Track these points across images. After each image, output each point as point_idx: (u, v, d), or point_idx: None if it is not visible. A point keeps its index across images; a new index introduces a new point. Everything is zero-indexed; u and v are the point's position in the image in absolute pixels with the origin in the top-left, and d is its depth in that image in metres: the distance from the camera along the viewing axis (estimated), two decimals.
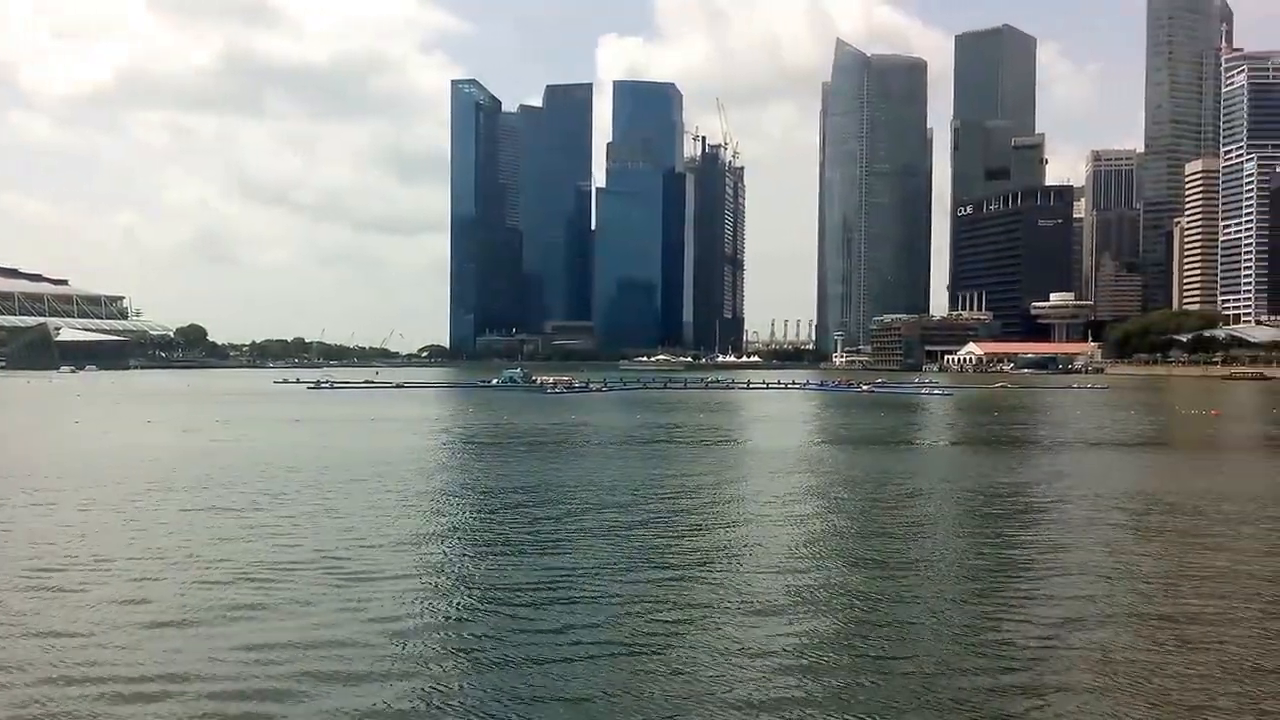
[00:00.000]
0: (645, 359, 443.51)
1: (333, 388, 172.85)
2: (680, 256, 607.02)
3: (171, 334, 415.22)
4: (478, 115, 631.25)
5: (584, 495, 40.51)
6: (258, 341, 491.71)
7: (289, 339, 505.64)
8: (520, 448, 62.49)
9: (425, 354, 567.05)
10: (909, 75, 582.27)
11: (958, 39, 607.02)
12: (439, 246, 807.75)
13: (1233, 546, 30.87)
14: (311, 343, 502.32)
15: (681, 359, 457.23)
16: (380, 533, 31.84)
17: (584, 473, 48.60)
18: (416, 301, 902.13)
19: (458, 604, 23.22)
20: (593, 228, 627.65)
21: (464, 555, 28.85)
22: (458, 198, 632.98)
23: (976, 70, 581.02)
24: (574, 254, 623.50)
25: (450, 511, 37.08)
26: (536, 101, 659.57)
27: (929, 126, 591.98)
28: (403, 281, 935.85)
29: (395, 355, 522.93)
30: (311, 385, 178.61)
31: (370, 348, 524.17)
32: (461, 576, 26.10)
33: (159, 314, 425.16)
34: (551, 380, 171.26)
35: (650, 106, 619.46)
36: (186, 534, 31.56)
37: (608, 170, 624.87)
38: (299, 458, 55.19)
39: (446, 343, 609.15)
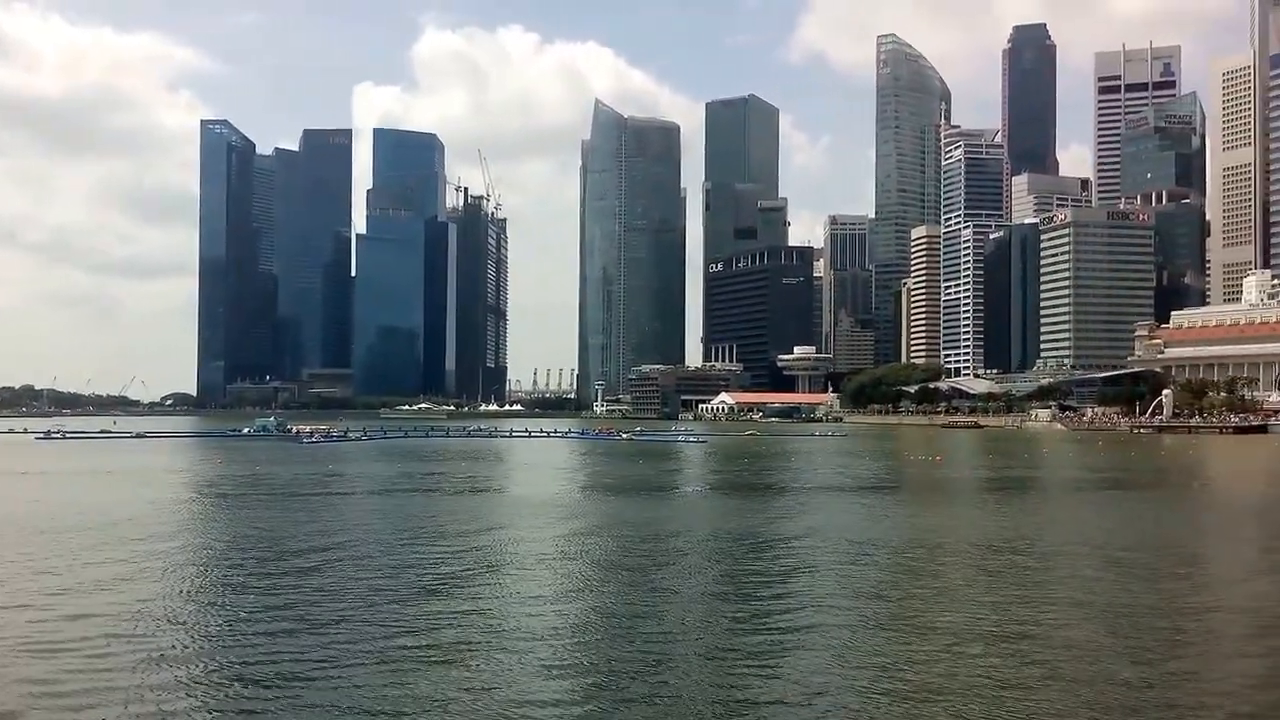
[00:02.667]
0: (407, 407, 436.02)
1: (64, 438, 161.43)
2: (442, 305, 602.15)
3: None
4: (230, 156, 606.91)
5: (334, 548, 39.48)
6: None
7: (16, 386, 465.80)
8: (271, 500, 60.34)
9: (169, 402, 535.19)
10: (663, 137, 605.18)
11: (708, 106, 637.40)
12: (185, 290, 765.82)
13: (948, 578, 35.70)
14: (42, 390, 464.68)
15: (444, 407, 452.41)
16: (92, 598, 29.44)
17: (337, 525, 47.57)
18: (160, 347, 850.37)
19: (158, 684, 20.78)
20: (352, 274, 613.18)
21: (182, 625, 26.15)
22: (207, 240, 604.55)
23: (725, 136, 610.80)
24: (332, 300, 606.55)
25: (175, 569, 34.74)
26: (293, 145, 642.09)
27: (683, 187, 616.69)
28: (145, 327, 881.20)
29: (136, 404, 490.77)
30: (41, 435, 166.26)
31: (108, 396, 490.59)
32: (172, 650, 23.46)
33: None
34: (308, 429, 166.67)
35: (412, 155, 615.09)
36: None
37: (368, 217, 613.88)
38: (12, 513, 52.10)
39: (193, 390, 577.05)
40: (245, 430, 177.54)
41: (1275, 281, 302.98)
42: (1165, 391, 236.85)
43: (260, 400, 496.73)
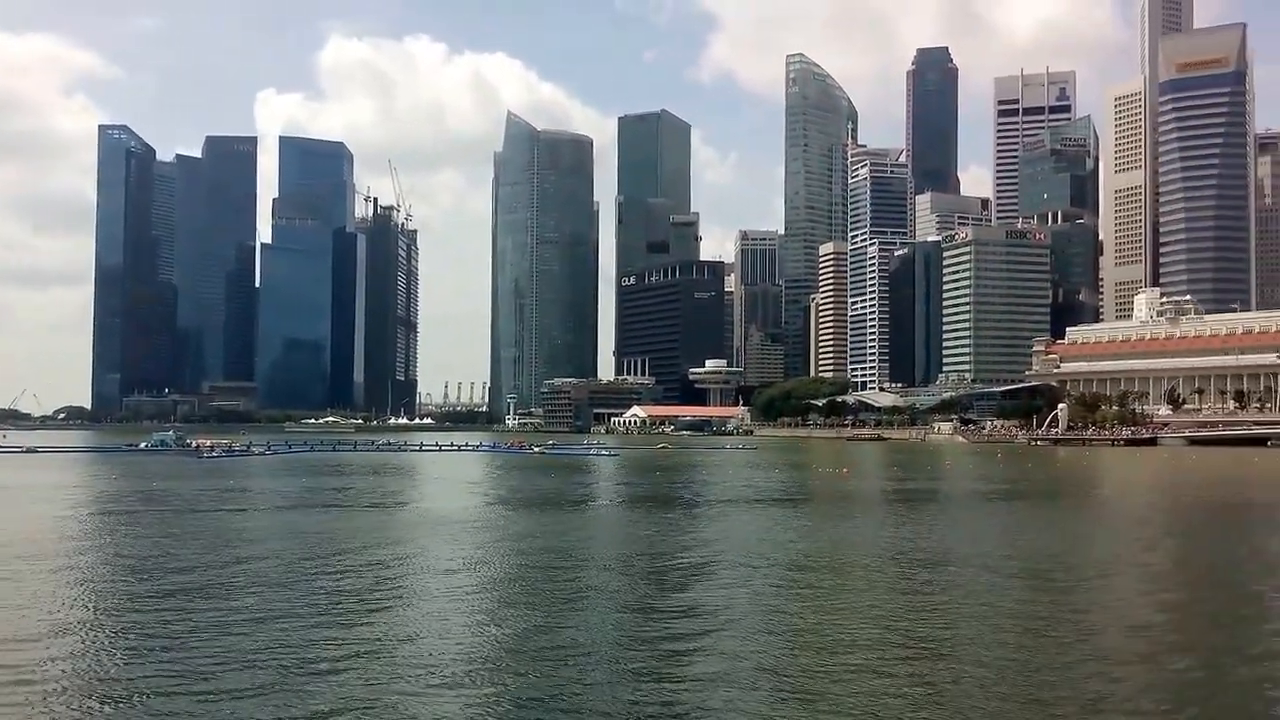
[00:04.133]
0: (313, 421, 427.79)
1: None
2: (350, 316, 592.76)
3: None
4: (129, 163, 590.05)
5: (234, 566, 38.67)
6: None
7: None
8: (168, 517, 58.36)
9: (62, 415, 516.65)
10: (576, 150, 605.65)
11: (620, 120, 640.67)
12: (81, 300, 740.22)
13: (852, 590, 36.49)
14: None
15: (351, 421, 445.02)
16: None
17: (238, 542, 46.40)
18: (53, 359, 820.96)
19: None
20: (257, 284, 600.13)
21: (67, 649, 25.19)
22: (104, 248, 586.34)
23: (638, 151, 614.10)
24: (235, 311, 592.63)
25: (63, 590, 33.66)
26: (195, 152, 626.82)
27: (595, 200, 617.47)
28: (37, 337, 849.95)
29: (27, 417, 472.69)
30: None
31: None
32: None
33: None
34: (208, 443, 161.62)
35: (319, 164, 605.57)
36: None
37: (274, 226, 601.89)
38: None
39: (88, 403, 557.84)
40: (142, 445, 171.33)
41: (1164, 299, 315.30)
42: (1060, 405, 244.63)
43: (158, 414, 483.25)
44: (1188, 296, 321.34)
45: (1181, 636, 28.23)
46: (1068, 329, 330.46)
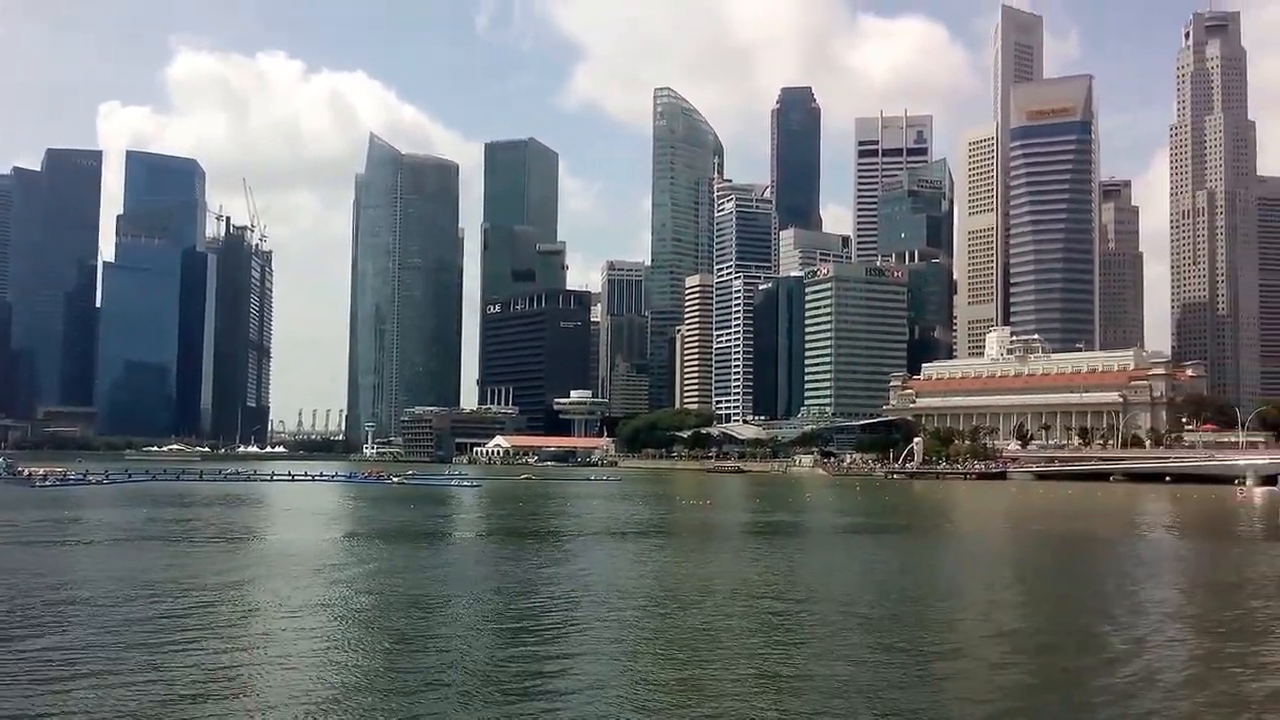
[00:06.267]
0: (156, 448, 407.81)
1: None
2: (199, 340, 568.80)
3: None
4: None
5: (65, 604, 36.53)
6: None
7: None
8: None
9: None
10: (440, 175, 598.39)
11: (487, 147, 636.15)
12: None
13: (712, 624, 34.93)
14: None
15: (198, 449, 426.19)
16: None
17: (70, 577, 43.70)
18: None
19: None
20: (98, 305, 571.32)
21: None
22: None
23: (505, 177, 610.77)
24: (74, 332, 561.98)
25: None
26: (34, 165, 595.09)
27: (460, 226, 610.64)
28: None
29: None
30: None
31: None
32: None
33: None
34: (41, 471, 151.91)
35: (168, 180, 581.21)
36: None
37: (118, 244, 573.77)
38: None
39: None
40: None
41: (1014, 338, 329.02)
42: (916, 439, 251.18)
43: None
44: (1036, 336, 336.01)
45: (1008, 664, 29.20)
46: (923, 365, 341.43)
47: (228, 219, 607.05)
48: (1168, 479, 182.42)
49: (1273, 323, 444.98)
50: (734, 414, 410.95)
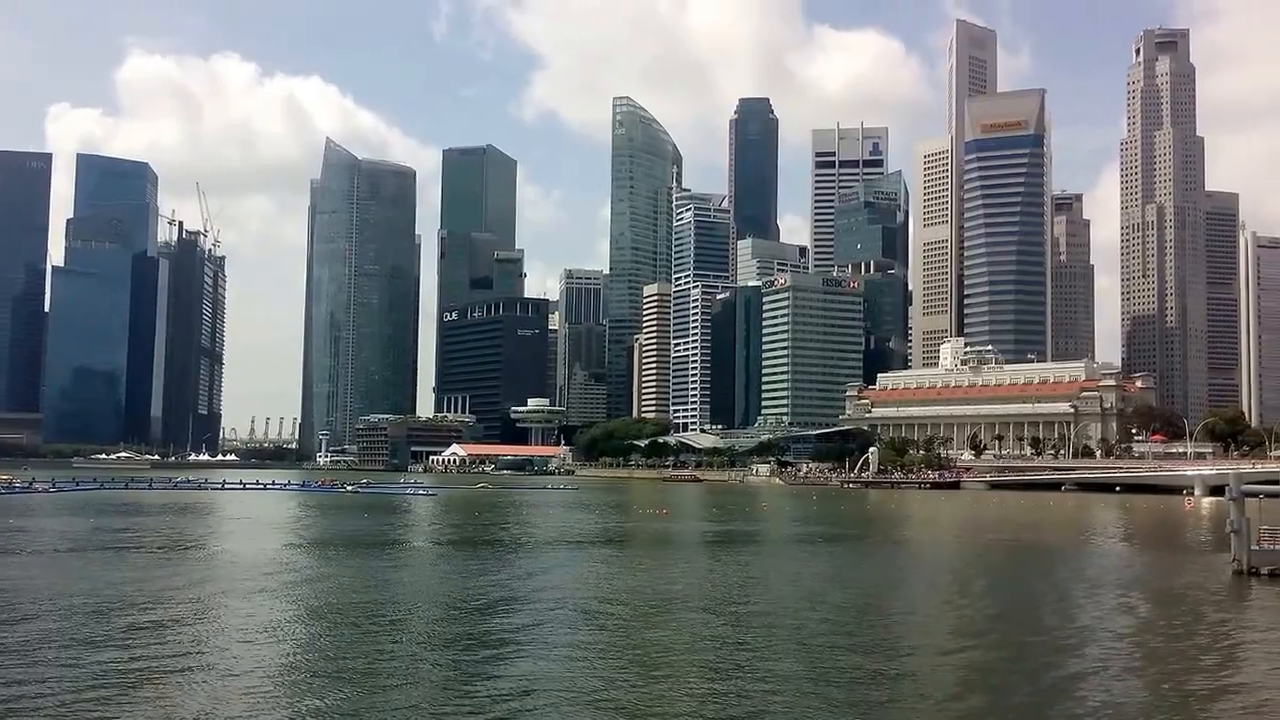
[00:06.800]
0: (104, 456, 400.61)
1: None
2: (150, 346, 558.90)
3: None
4: None
5: (5, 615, 35.78)
6: None
7: None
8: None
9: None
10: (398, 181, 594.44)
11: (445, 153, 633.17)
12: None
13: (667, 634, 34.76)
14: None
15: (147, 457, 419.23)
16: None
17: (13, 588, 42.86)
18: None
19: None
20: (47, 310, 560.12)
21: None
22: None
23: (463, 184, 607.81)
24: (20, 337, 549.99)
25: None
26: None
27: (418, 233, 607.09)
28: None
29: None
30: None
31: None
32: None
33: None
34: None
35: (120, 184, 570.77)
36: None
37: (67, 248, 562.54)
38: None
39: None
40: None
41: (968, 349, 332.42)
42: (871, 449, 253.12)
43: None
44: (989, 347, 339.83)
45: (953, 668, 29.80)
46: (879, 375, 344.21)
47: (180, 224, 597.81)
48: (1118, 489, 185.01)
49: (1220, 335, 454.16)
50: (691, 423, 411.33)
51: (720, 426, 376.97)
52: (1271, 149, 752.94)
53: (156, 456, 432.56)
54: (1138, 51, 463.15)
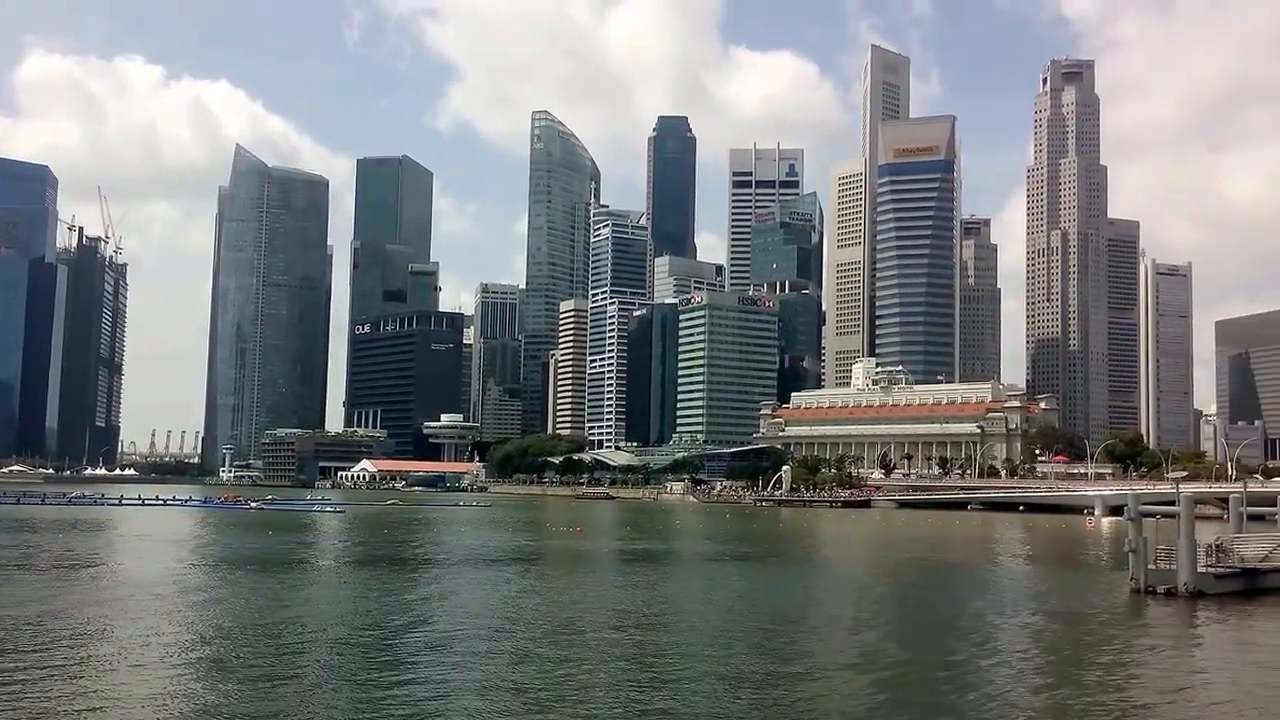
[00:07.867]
0: None
1: None
2: (45, 355, 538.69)
3: None
4: None
5: None
6: None
7: None
8: None
9: None
10: (310, 190, 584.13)
11: (359, 163, 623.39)
12: None
13: (575, 654, 34.25)
14: None
15: (41, 470, 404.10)
16: None
17: None
18: None
19: None
20: None
21: None
22: None
23: (377, 195, 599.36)
24: None
25: None
26: None
27: (330, 243, 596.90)
28: None
29: None
30: None
31: None
32: None
33: None
34: None
35: (16, 187, 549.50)
36: None
37: None
38: None
39: None
40: None
41: (879, 369, 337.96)
42: (785, 467, 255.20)
43: None
44: (900, 367, 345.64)
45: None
46: (793, 394, 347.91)
47: (80, 229, 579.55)
48: (1021, 508, 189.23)
49: (1120, 359, 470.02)
50: (607, 440, 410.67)
51: (635, 444, 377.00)
52: (1171, 179, 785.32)
53: (51, 470, 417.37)
54: (1045, 81, 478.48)
